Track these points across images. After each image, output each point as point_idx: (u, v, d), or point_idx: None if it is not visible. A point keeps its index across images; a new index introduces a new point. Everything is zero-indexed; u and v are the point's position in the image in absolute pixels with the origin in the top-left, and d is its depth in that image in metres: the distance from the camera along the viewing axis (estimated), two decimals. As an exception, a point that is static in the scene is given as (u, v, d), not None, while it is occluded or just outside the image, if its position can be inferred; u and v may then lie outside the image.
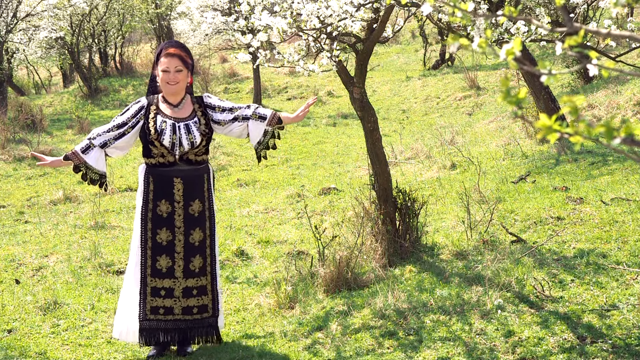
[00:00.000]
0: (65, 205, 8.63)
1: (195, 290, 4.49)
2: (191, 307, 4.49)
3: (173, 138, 4.37)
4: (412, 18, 7.04)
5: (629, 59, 10.96)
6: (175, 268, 4.44)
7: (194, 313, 4.50)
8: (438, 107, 13.71)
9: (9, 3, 13.88)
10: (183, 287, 4.46)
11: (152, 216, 4.44)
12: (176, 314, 4.47)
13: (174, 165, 4.43)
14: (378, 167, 5.56)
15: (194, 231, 4.45)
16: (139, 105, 4.50)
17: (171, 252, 4.43)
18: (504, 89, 1.62)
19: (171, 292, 4.45)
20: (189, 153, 4.42)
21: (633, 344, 3.92)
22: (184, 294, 4.47)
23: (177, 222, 4.42)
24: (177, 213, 4.42)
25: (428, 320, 4.50)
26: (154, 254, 4.43)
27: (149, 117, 4.44)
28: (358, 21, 4.86)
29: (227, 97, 16.28)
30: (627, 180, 6.44)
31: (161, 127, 4.38)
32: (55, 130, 13.56)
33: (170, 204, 4.42)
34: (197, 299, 4.50)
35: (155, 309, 4.46)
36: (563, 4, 1.77)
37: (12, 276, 6.14)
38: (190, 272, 4.46)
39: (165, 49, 4.43)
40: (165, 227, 4.42)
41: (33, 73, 19.92)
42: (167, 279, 4.44)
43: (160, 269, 4.43)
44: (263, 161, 5.17)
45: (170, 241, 4.42)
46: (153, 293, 4.45)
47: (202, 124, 4.47)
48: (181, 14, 17.52)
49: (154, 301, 4.45)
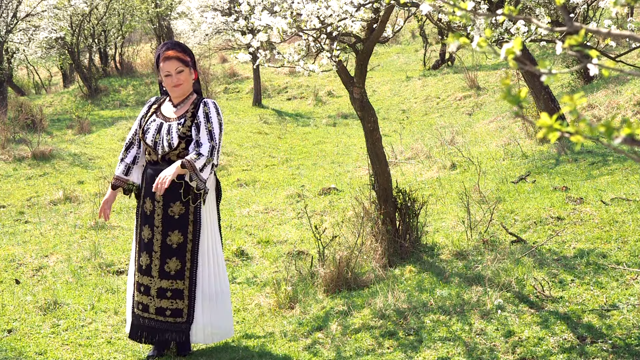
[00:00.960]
0: (65, 205, 8.63)
1: (169, 292, 4.42)
2: (164, 309, 4.44)
3: (156, 137, 4.41)
4: (412, 18, 7.04)
5: (629, 59, 10.97)
6: (152, 267, 4.44)
7: (167, 315, 4.44)
8: (438, 107, 13.71)
9: (9, 3, 13.88)
10: (157, 287, 4.44)
11: (141, 213, 4.50)
12: (150, 313, 4.48)
13: (157, 165, 4.45)
14: (378, 167, 5.56)
15: (172, 233, 4.39)
16: (146, 107, 4.62)
17: (150, 250, 4.44)
18: (504, 88, 1.62)
19: (148, 290, 4.46)
20: (170, 154, 4.40)
21: (633, 344, 3.92)
22: (158, 294, 4.44)
23: (156, 222, 4.42)
24: (156, 212, 4.42)
25: (428, 320, 4.50)
26: (139, 250, 4.50)
27: (148, 114, 4.54)
28: (358, 21, 4.86)
29: (227, 97, 16.28)
30: (627, 180, 6.44)
31: (148, 126, 4.47)
32: (55, 130, 13.56)
33: (152, 202, 4.44)
34: (171, 301, 4.43)
35: (138, 303, 4.51)
36: (563, 4, 1.77)
37: (12, 276, 6.14)
38: (165, 273, 4.41)
39: (163, 54, 4.42)
40: (148, 224, 4.45)
41: (33, 73, 19.92)
42: (146, 276, 4.46)
43: (141, 265, 4.47)
44: (263, 161, 5.17)
45: (150, 239, 4.44)
46: (137, 288, 4.51)
47: (185, 125, 4.38)
48: (181, 14, 17.52)
49: (137, 296, 4.51)
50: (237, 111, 14.77)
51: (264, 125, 13.45)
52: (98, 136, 13.02)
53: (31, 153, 10.97)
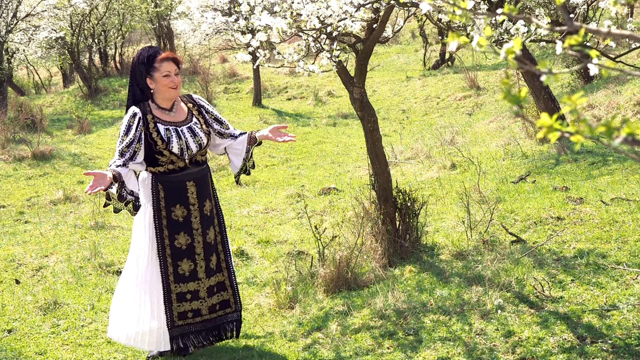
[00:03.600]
0: (65, 205, 8.63)
1: (215, 287, 4.54)
2: (215, 305, 4.54)
3: (180, 143, 4.33)
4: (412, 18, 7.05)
5: (629, 59, 10.96)
6: (198, 270, 4.46)
7: (217, 310, 4.56)
8: (438, 107, 13.71)
9: (9, 3, 13.88)
10: (207, 287, 4.50)
11: (168, 223, 4.37)
12: (204, 315, 4.52)
13: (184, 170, 4.39)
14: (378, 167, 5.56)
15: (209, 230, 4.48)
16: (137, 117, 4.29)
17: (192, 254, 4.42)
18: (504, 88, 1.62)
19: (196, 294, 4.47)
20: (196, 155, 4.43)
21: (633, 344, 3.92)
22: (208, 294, 4.51)
23: (195, 224, 4.42)
24: (193, 215, 4.42)
25: (428, 321, 4.49)
26: (175, 260, 4.39)
27: (149, 127, 4.31)
28: (358, 21, 4.86)
29: (227, 97, 16.28)
30: (627, 180, 6.43)
31: (166, 135, 4.30)
32: (55, 130, 13.56)
33: (186, 207, 4.40)
34: (218, 295, 4.56)
35: (184, 313, 4.46)
36: (563, 4, 1.77)
37: (12, 276, 6.14)
38: (210, 271, 4.51)
39: (158, 54, 4.35)
40: (183, 231, 4.40)
41: (33, 73, 19.92)
42: (192, 282, 4.45)
43: (182, 273, 4.42)
44: (263, 161, 5.19)
45: (190, 244, 4.41)
46: (179, 299, 4.44)
47: (202, 123, 4.48)
48: (181, 14, 17.53)
49: (181, 306, 4.45)
50: (237, 111, 14.77)
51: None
52: (98, 136, 13.03)
53: (31, 153, 10.97)
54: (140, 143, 4.29)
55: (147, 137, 4.30)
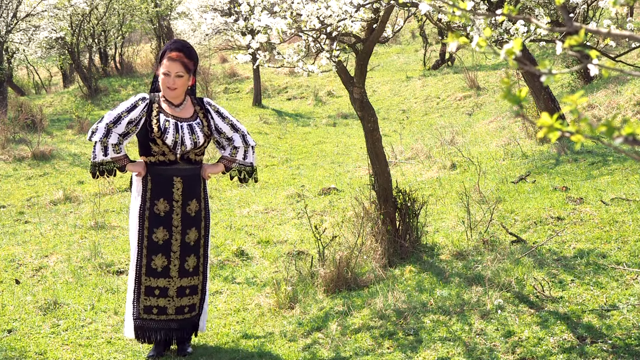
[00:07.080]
0: (65, 205, 8.63)
1: (188, 289, 4.50)
2: (183, 307, 4.50)
3: (176, 137, 4.37)
4: (412, 18, 7.03)
5: (629, 59, 10.96)
6: (171, 267, 4.44)
7: (185, 312, 4.51)
8: (438, 107, 13.71)
9: (9, 3, 13.88)
10: (177, 287, 4.46)
11: (149, 215, 4.42)
12: (169, 314, 4.48)
13: (174, 164, 4.43)
14: (378, 167, 5.56)
15: (190, 231, 4.46)
16: (145, 102, 4.44)
17: (167, 251, 4.42)
18: (504, 88, 1.62)
19: (165, 292, 4.45)
20: (190, 152, 4.43)
21: (633, 344, 3.92)
22: (177, 294, 4.47)
23: (175, 222, 4.42)
24: (175, 212, 4.42)
25: (428, 321, 4.49)
26: (150, 253, 4.42)
27: (152, 114, 4.41)
28: (358, 21, 4.86)
29: (227, 97, 16.28)
30: (627, 180, 6.43)
31: (164, 125, 4.37)
32: (55, 130, 13.56)
33: (169, 203, 4.42)
34: (189, 298, 4.51)
35: (149, 308, 4.45)
36: (563, 4, 1.77)
37: (12, 276, 6.14)
38: (185, 272, 4.47)
39: (169, 52, 4.39)
40: (162, 226, 4.41)
41: (33, 73, 19.91)
42: (162, 278, 4.44)
43: (155, 268, 4.42)
44: (263, 161, 5.19)
45: (167, 240, 4.42)
46: (147, 292, 4.44)
47: (204, 125, 4.49)
48: (181, 14, 17.52)
49: (147, 300, 4.45)
50: (237, 111, 14.77)
51: (264, 125, 13.45)
52: (98, 136, 13.00)
53: (31, 153, 10.97)
54: (137, 127, 4.40)
55: (146, 124, 4.40)
